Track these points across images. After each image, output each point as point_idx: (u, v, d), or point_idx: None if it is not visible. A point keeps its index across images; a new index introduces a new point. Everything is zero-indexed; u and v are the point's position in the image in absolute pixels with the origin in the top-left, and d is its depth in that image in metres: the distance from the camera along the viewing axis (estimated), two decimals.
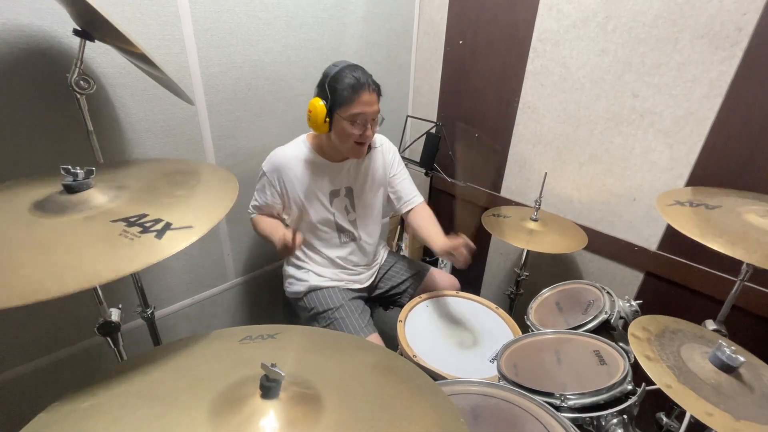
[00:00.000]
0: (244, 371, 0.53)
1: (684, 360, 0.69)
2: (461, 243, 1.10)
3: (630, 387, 0.78)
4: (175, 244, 0.56)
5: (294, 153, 1.24)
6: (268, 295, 1.71)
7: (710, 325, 0.95)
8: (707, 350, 0.71)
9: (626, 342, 0.82)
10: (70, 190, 0.61)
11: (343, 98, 1.08)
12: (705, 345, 0.75)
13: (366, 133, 1.15)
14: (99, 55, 1.05)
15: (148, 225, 0.58)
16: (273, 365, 0.47)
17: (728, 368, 0.67)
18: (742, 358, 0.68)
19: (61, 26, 0.98)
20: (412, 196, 1.39)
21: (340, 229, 1.32)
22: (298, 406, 0.50)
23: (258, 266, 1.64)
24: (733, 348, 0.67)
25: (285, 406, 0.49)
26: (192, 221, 0.61)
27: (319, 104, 1.11)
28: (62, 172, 0.60)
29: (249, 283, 1.64)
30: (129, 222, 0.58)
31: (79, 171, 0.61)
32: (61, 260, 0.53)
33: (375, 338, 1.23)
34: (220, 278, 1.55)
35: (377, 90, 1.13)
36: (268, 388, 0.48)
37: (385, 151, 1.36)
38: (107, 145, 1.13)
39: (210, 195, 0.73)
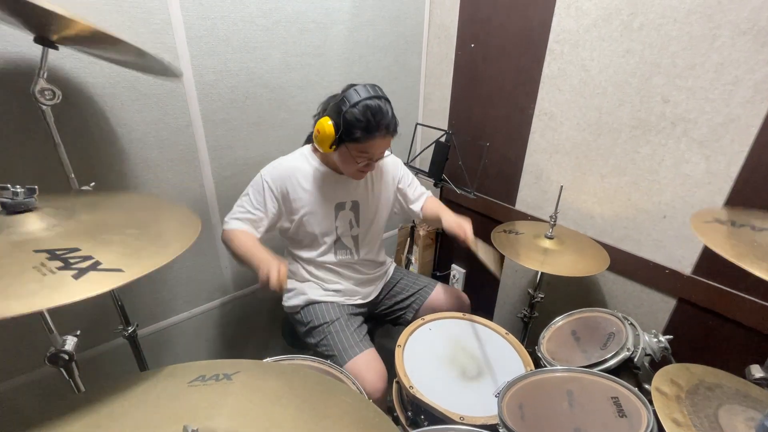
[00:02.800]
0: (175, 427, 0.45)
1: (722, 427, 0.56)
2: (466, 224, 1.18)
3: None
4: (92, 287, 0.48)
5: (298, 164, 1.18)
6: (268, 310, 1.65)
7: (756, 371, 0.79)
8: (754, 416, 0.57)
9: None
10: (5, 208, 0.55)
11: (356, 137, 1.02)
12: (751, 407, 0.61)
13: (369, 167, 1.12)
14: (87, 65, 1.03)
15: (72, 261, 0.50)
16: None
17: None
18: None
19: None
20: (421, 192, 1.38)
21: (340, 245, 1.25)
22: None
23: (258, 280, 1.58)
24: None
25: None
26: (126, 264, 0.53)
27: (329, 129, 1.02)
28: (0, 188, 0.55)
29: (249, 296, 1.58)
30: (53, 255, 0.51)
31: (19, 190, 0.56)
32: None
33: (370, 353, 1.15)
34: (218, 291, 1.50)
35: (394, 131, 1.07)
36: None
37: (392, 162, 1.31)
38: (97, 156, 1.10)
39: (162, 238, 0.65)
